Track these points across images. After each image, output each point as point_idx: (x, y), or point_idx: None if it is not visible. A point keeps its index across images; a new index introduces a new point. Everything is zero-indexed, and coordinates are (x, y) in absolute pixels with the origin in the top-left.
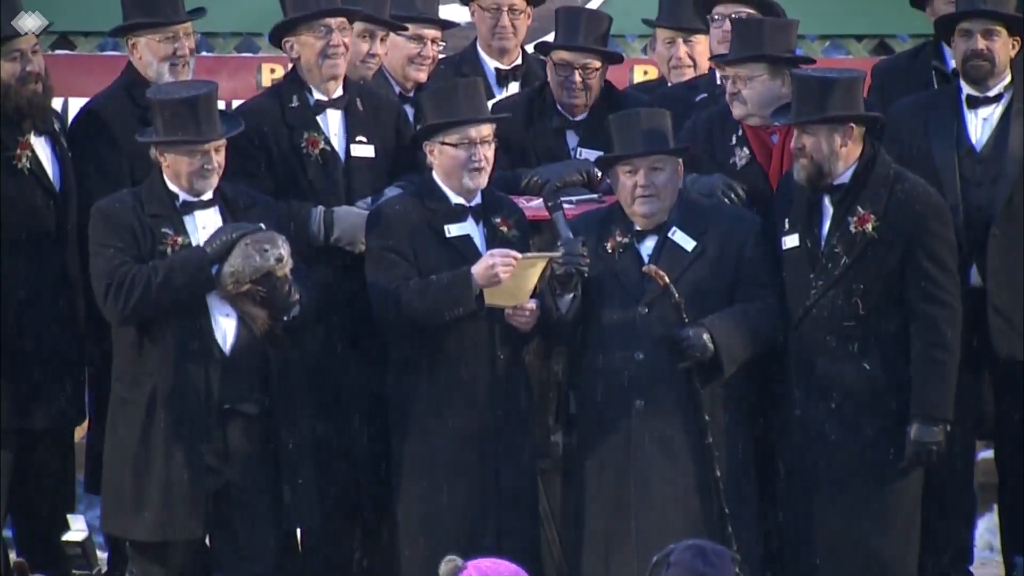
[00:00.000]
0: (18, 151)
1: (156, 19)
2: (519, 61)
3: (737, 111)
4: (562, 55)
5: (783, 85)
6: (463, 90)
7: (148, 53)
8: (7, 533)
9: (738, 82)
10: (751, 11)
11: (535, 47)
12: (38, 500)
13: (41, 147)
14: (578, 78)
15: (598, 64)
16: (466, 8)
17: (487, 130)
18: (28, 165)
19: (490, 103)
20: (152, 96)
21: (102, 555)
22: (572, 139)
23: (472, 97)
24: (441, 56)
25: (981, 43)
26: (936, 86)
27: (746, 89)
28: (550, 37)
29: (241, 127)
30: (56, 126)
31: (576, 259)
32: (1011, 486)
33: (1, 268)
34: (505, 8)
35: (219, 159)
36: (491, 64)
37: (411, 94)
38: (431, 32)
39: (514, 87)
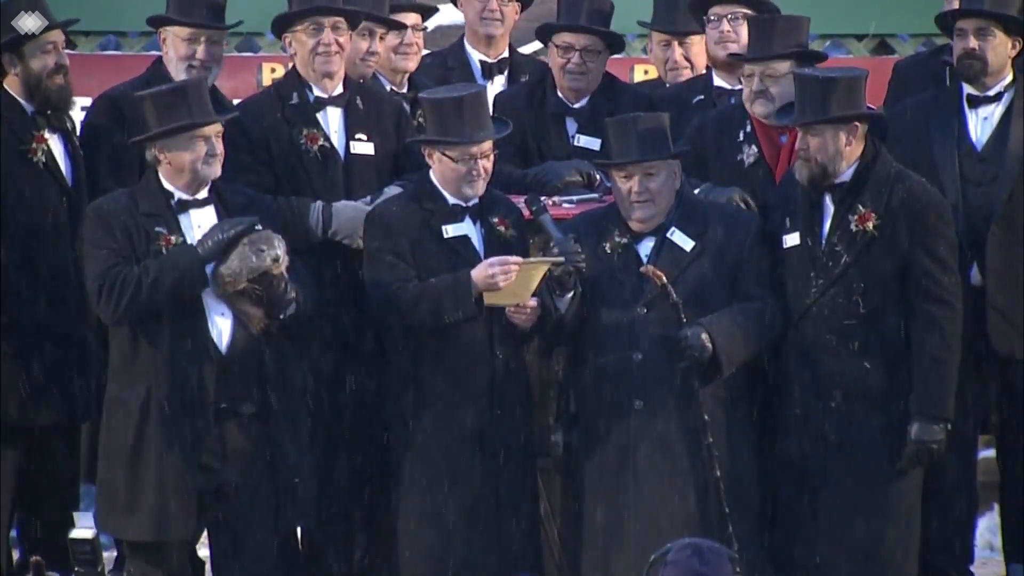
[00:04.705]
0: (33, 145)
1: (181, 17)
2: (505, 54)
3: (761, 109)
4: (564, 37)
5: None
6: (467, 105)
7: (172, 49)
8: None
9: (766, 80)
10: (747, 11)
11: (536, 32)
12: (44, 498)
13: (55, 144)
14: (579, 59)
15: (599, 47)
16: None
17: (488, 144)
18: (43, 159)
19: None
20: (139, 95)
21: (108, 555)
22: (571, 126)
23: (476, 113)
24: (427, 51)
25: (973, 42)
26: (948, 83)
27: (775, 87)
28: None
29: (234, 112)
30: (69, 125)
31: (573, 257)
32: (1013, 486)
33: (11, 261)
34: None
35: (220, 146)
36: (476, 57)
37: (403, 90)
38: (410, 18)
39: (499, 80)
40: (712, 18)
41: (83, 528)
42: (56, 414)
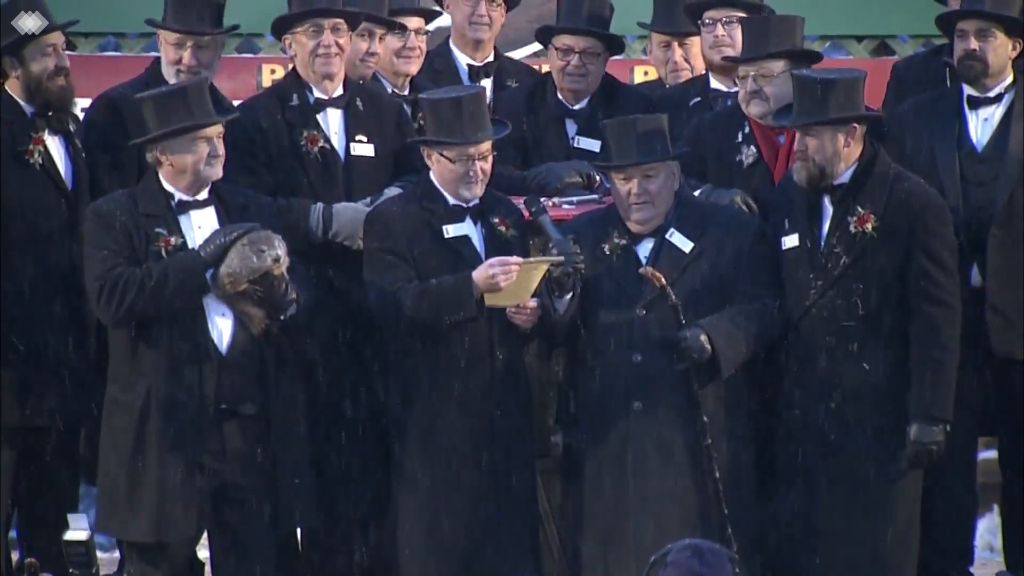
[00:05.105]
0: (31, 147)
1: (172, 21)
2: (491, 58)
3: (756, 109)
4: (564, 40)
5: None
6: (466, 106)
7: (163, 53)
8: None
9: (759, 80)
10: (742, 14)
11: (536, 34)
12: (42, 499)
13: (55, 146)
14: (579, 61)
15: (599, 49)
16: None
17: (486, 146)
18: (40, 161)
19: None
20: (139, 97)
21: (111, 556)
22: (571, 128)
23: (474, 113)
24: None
25: (974, 43)
26: (948, 83)
27: (769, 87)
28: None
29: (235, 113)
30: (72, 127)
31: (572, 258)
32: (1013, 489)
33: (9, 262)
34: None
35: (222, 147)
36: (463, 60)
37: (404, 92)
38: (414, 22)
39: (486, 84)
40: (707, 22)
41: (77, 529)
42: (54, 415)
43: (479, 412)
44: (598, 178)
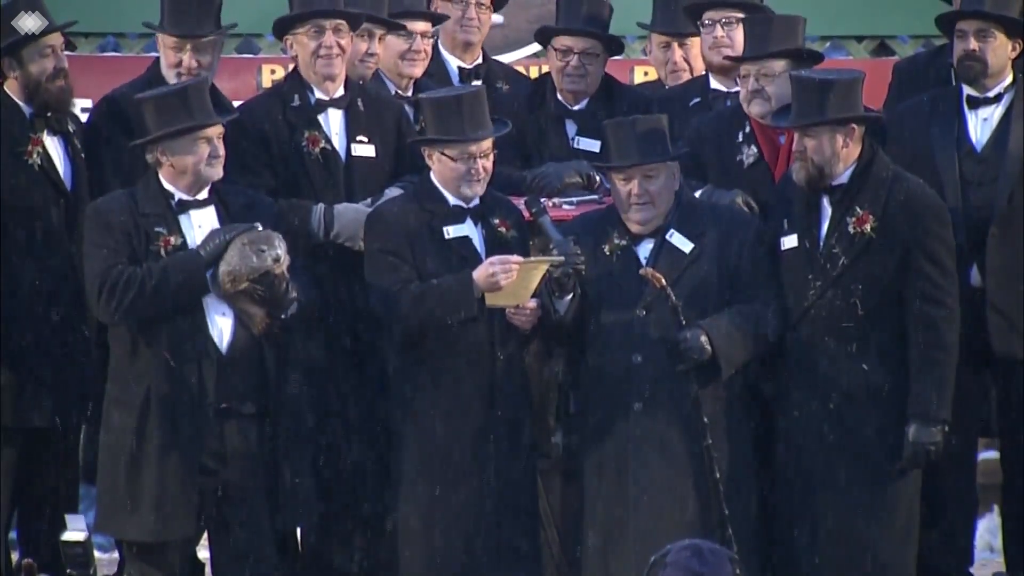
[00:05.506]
0: (29, 147)
1: (169, 25)
2: (480, 60)
3: (757, 109)
4: (563, 40)
5: None
6: (466, 104)
7: (163, 55)
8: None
9: (761, 79)
10: (741, 15)
11: (535, 34)
12: (43, 500)
13: (54, 147)
14: (578, 62)
15: (598, 50)
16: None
17: (487, 143)
18: (39, 161)
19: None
20: (139, 98)
21: (110, 557)
22: (571, 128)
23: (475, 111)
24: None
25: (973, 44)
26: (954, 84)
27: (771, 86)
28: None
29: (235, 113)
30: (72, 128)
31: (573, 259)
32: (1014, 491)
33: (8, 263)
34: (473, 1)
35: (222, 148)
36: (453, 63)
37: (408, 94)
38: (420, 26)
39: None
40: (707, 22)
41: (75, 530)
42: (53, 416)
43: (479, 412)
44: (598, 178)
